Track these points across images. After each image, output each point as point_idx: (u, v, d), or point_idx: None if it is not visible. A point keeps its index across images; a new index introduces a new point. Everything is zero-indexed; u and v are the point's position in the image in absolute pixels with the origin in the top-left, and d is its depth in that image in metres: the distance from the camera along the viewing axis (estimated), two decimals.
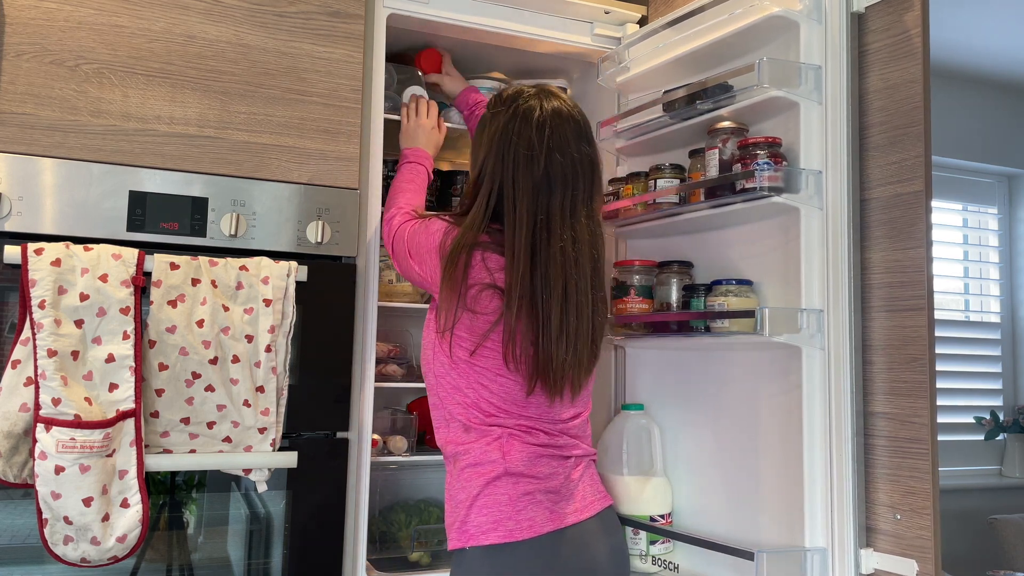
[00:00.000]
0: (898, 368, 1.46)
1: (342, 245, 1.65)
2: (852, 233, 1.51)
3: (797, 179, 1.53)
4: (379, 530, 1.93)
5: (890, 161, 1.50)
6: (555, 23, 1.95)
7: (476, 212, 1.40)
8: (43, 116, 1.47)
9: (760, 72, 1.51)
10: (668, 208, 1.73)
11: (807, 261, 1.52)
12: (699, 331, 1.65)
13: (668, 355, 1.89)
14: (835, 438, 1.48)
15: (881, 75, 1.52)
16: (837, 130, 1.52)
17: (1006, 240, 3.94)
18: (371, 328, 1.68)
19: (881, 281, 1.50)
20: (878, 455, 1.49)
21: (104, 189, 1.49)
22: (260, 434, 1.50)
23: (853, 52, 1.55)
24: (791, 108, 1.55)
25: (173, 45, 1.56)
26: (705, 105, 1.66)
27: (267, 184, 1.61)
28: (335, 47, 1.68)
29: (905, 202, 1.47)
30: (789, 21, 1.55)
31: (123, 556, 1.39)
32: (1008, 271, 3.92)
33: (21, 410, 1.35)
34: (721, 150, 1.64)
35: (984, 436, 3.70)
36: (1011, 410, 3.81)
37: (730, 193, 1.58)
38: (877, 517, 1.48)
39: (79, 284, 1.38)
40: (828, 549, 1.47)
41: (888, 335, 1.48)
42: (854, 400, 1.48)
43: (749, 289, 1.63)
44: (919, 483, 1.42)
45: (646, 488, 1.78)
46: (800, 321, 1.50)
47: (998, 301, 3.90)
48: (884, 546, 1.47)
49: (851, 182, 1.52)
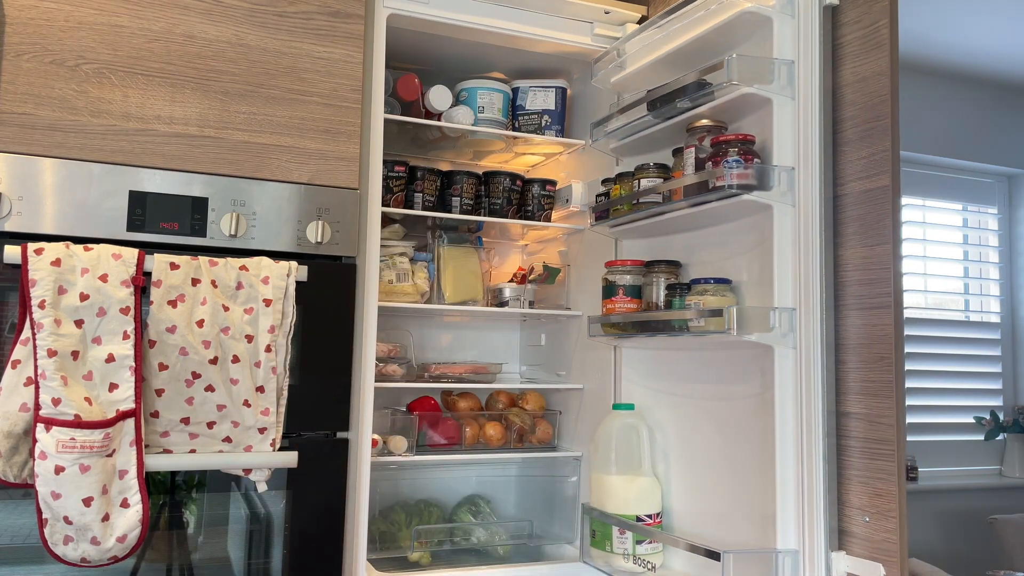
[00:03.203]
0: (867, 367, 1.43)
1: (342, 245, 1.65)
2: (824, 230, 1.48)
3: (769, 176, 1.50)
4: (379, 530, 1.93)
5: (860, 156, 1.47)
6: (555, 23, 1.95)
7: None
8: (43, 116, 1.47)
9: (729, 69, 1.49)
10: (651, 208, 1.74)
11: (780, 259, 1.50)
12: (681, 330, 1.64)
13: (657, 355, 1.89)
14: (806, 439, 1.45)
15: (853, 68, 1.49)
16: (809, 125, 1.49)
17: (1006, 240, 3.94)
18: (371, 328, 1.68)
19: (854, 279, 1.47)
20: (852, 456, 1.46)
21: (104, 189, 1.49)
22: (260, 434, 1.50)
23: (826, 45, 1.52)
24: (766, 104, 1.53)
25: (173, 45, 1.56)
26: (684, 104, 1.66)
27: (267, 184, 1.61)
28: (335, 47, 1.68)
29: (873, 198, 1.44)
30: (762, 16, 1.53)
31: (123, 556, 1.39)
32: (1008, 271, 3.92)
33: (21, 410, 1.35)
34: (698, 148, 1.64)
35: (984, 436, 3.70)
36: (1011, 410, 3.82)
37: (705, 192, 1.57)
38: (849, 520, 1.45)
39: (79, 284, 1.38)
40: (800, 551, 1.44)
41: (859, 333, 1.45)
42: (825, 400, 1.45)
43: (727, 288, 1.62)
44: (886, 485, 1.39)
45: (633, 488, 1.79)
46: (772, 320, 1.48)
47: (998, 301, 3.91)
48: (856, 549, 1.44)
49: (823, 178, 1.49)
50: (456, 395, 2.14)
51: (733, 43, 1.64)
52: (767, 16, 1.53)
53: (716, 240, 1.73)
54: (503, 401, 2.16)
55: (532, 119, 2.14)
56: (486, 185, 2.11)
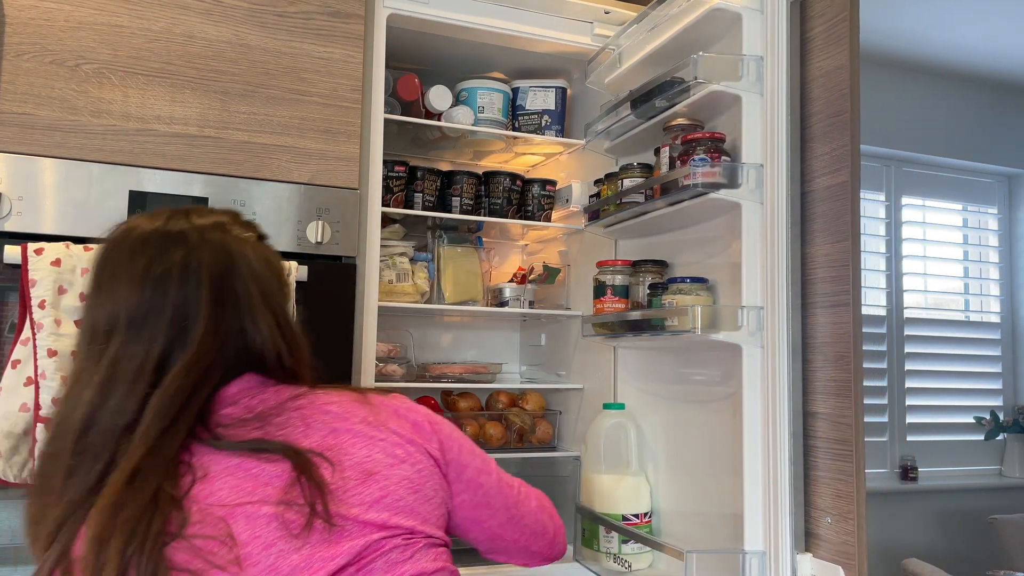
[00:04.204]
0: (831, 366, 1.41)
1: (342, 245, 1.65)
2: (791, 227, 1.46)
3: (737, 174, 1.49)
4: None
5: (825, 151, 1.44)
6: (555, 23, 1.95)
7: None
8: (43, 116, 1.47)
9: (694, 67, 1.48)
10: (633, 207, 1.73)
11: (748, 257, 1.48)
12: (660, 329, 1.63)
13: (647, 355, 1.89)
14: (772, 439, 1.43)
15: (818, 62, 1.47)
16: (777, 121, 1.47)
17: (1006, 240, 3.94)
18: (371, 328, 1.68)
19: (820, 276, 1.44)
20: (818, 457, 1.43)
21: (104, 189, 1.49)
22: None
23: (794, 40, 1.49)
24: (738, 102, 1.51)
25: (173, 45, 1.56)
26: (661, 103, 1.65)
27: (267, 184, 1.60)
28: (335, 47, 1.68)
29: (834, 194, 1.41)
30: (731, 13, 1.52)
31: None
32: (1008, 271, 3.92)
33: (21, 410, 1.35)
34: (672, 147, 1.63)
35: (984, 436, 3.70)
36: (1011, 410, 3.82)
37: (676, 191, 1.56)
38: (815, 521, 1.43)
39: (79, 284, 1.38)
40: (767, 553, 1.42)
41: (825, 332, 1.43)
42: (791, 399, 1.43)
43: (703, 287, 1.61)
44: (846, 486, 1.36)
45: (620, 487, 1.78)
46: (740, 319, 1.46)
47: (998, 301, 3.91)
48: (821, 552, 1.41)
49: (790, 175, 1.47)
50: (456, 395, 2.13)
51: (710, 40, 1.63)
52: (736, 12, 1.52)
53: (698, 239, 1.72)
54: (503, 401, 2.16)
55: (532, 119, 2.14)
56: (486, 185, 2.11)
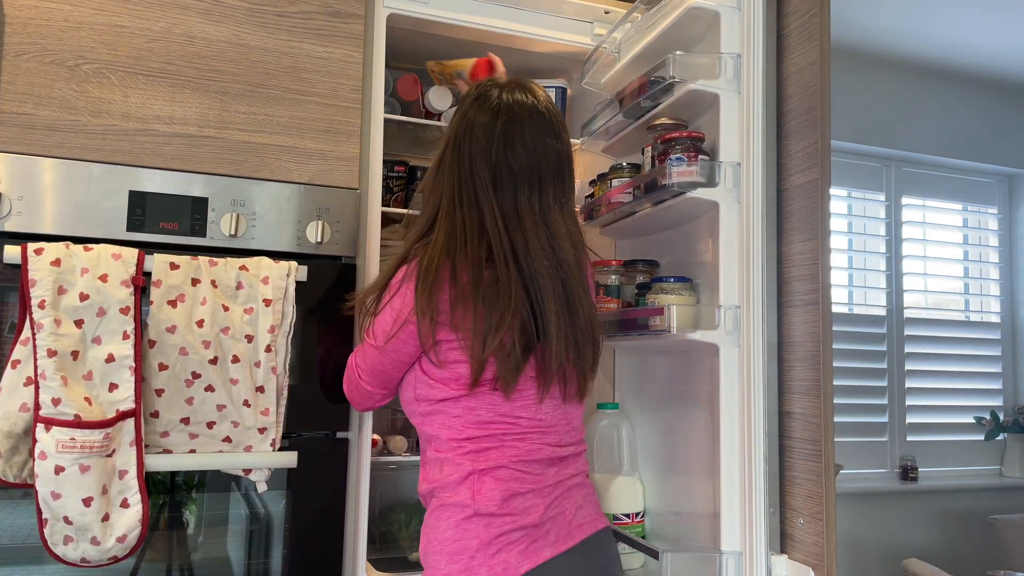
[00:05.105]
0: (804, 366, 1.40)
1: (342, 245, 1.65)
2: (767, 225, 1.45)
3: (715, 172, 1.48)
4: (379, 530, 1.93)
5: (798, 149, 1.43)
6: (555, 23, 1.95)
7: (446, 225, 1.31)
8: (43, 116, 1.47)
9: (670, 67, 1.48)
10: (621, 208, 1.74)
11: (726, 256, 1.48)
12: (644, 329, 1.63)
13: (641, 356, 1.89)
14: (747, 439, 1.43)
15: (793, 59, 1.47)
16: (753, 119, 1.47)
17: (1006, 240, 3.94)
18: None
19: (795, 275, 1.44)
20: (793, 457, 1.43)
21: (104, 189, 1.49)
22: (260, 434, 1.50)
23: (770, 37, 1.49)
24: (717, 100, 1.51)
25: (173, 45, 1.56)
26: (646, 103, 1.65)
27: (267, 184, 1.61)
28: (335, 47, 1.68)
29: (806, 192, 1.40)
30: (709, 11, 1.52)
31: (123, 556, 1.39)
32: (1008, 271, 3.92)
33: (21, 410, 1.35)
34: (654, 147, 1.63)
35: (984, 436, 3.70)
36: (1011, 410, 3.82)
37: (655, 190, 1.56)
38: (790, 522, 1.42)
39: (79, 284, 1.38)
40: (743, 553, 1.42)
41: (800, 331, 1.42)
42: (766, 399, 1.43)
43: (686, 287, 1.60)
44: (816, 487, 1.35)
45: (611, 487, 1.78)
46: (717, 318, 1.46)
47: (998, 301, 3.91)
48: (795, 553, 1.41)
49: (765, 173, 1.46)
50: None
51: (693, 39, 1.63)
52: (713, 11, 1.51)
53: (686, 238, 1.72)
54: None
55: None
56: None
